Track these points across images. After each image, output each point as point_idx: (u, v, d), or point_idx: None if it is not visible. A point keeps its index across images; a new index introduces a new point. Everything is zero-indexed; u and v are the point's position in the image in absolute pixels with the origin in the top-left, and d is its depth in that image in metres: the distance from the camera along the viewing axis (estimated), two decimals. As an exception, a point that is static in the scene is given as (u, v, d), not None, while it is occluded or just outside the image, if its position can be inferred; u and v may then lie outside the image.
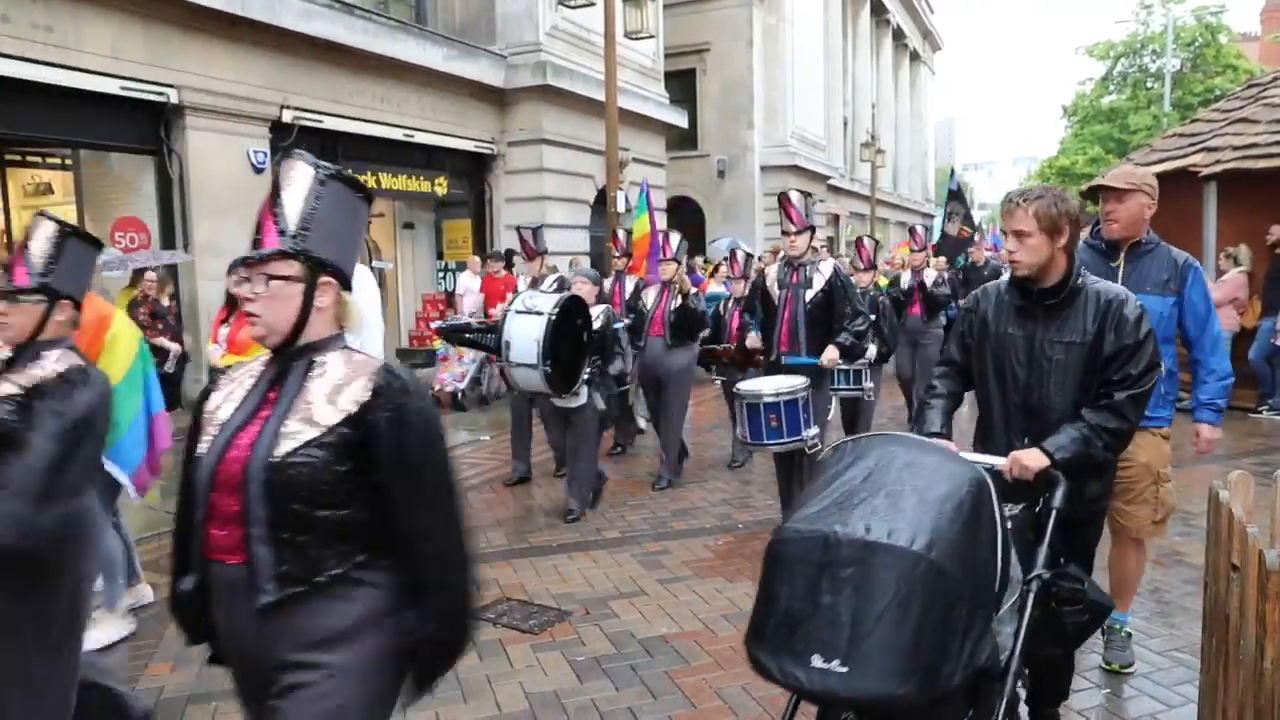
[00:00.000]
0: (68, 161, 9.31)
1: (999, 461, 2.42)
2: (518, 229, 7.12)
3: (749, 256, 7.34)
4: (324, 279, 1.61)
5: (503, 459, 6.96)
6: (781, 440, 4.55)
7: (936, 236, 12.93)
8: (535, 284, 6.42)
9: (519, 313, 4.96)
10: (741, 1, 21.99)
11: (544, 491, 6.19)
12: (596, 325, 5.31)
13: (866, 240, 7.60)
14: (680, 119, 17.45)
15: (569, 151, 13.71)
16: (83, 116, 8.30)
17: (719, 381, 7.13)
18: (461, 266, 12.30)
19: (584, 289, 5.51)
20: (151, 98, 8.64)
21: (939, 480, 1.83)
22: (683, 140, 20.04)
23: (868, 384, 6.21)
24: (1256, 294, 8.70)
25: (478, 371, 9.67)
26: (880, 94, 33.84)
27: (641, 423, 7.92)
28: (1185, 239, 9.56)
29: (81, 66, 7.98)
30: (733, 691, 3.26)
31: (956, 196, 12.89)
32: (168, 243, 9.11)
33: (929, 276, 7.85)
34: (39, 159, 9.64)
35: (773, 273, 5.17)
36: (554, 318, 4.84)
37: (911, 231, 8.84)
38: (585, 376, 5.25)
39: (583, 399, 5.32)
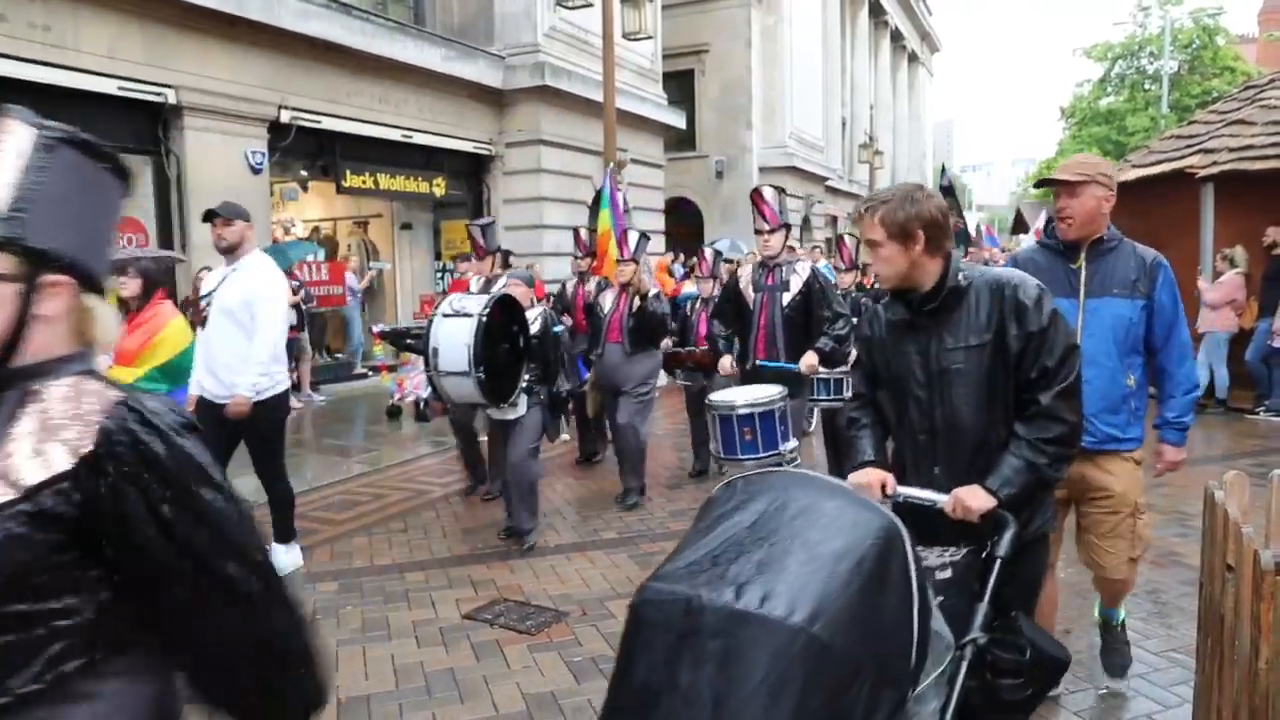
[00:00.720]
0: (65, 162, 9.30)
1: (941, 499, 2.12)
2: (467, 225, 6.68)
3: (718, 255, 6.99)
4: (50, 278, 1.16)
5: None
6: (757, 455, 4.24)
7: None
8: (488, 286, 5.95)
9: (446, 316, 4.52)
10: (740, 2, 22.00)
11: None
12: (534, 329, 4.87)
13: (848, 238, 7.38)
14: (678, 120, 17.45)
15: (567, 152, 13.71)
16: (80, 117, 8.17)
17: (683, 388, 6.77)
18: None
19: (518, 291, 5.03)
20: (149, 98, 8.63)
21: (837, 531, 1.52)
22: (681, 141, 20.03)
23: (849, 393, 5.73)
24: (1253, 295, 8.71)
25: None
26: (878, 95, 33.88)
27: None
28: (1182, 240, 9.61)
29: (79, 66, 7.97)
30: (729, 692, 3.25)
31: (948, 193, 12.90)
32: (165, 243, 9.10)
33: None
34: (36, 159, 9.63)
35: (746, 274, 4.83)
36: (484, 319, 4.40)
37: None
38: (523, 385, 4.83)
39: (521, 409, 4.88)
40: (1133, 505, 2.92)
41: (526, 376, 4.84)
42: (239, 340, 4.27)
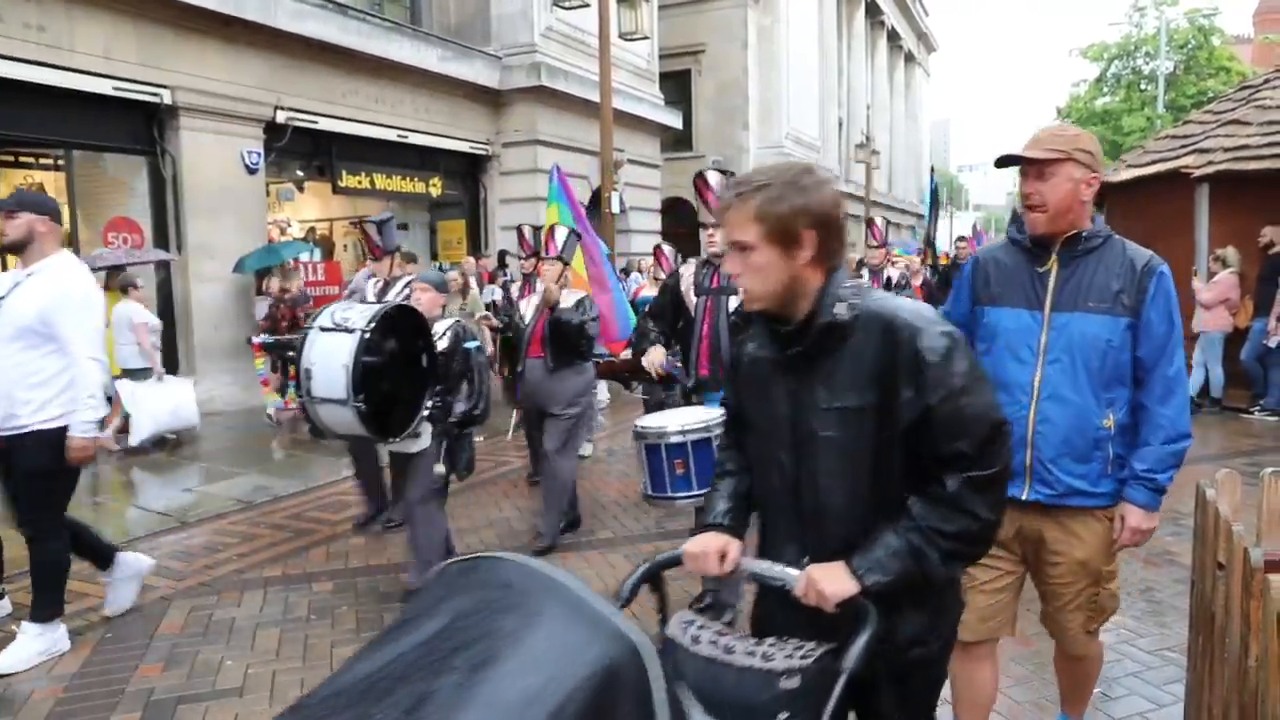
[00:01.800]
0: (60, 162, 9.30)
1: (792, 577, 1.59)
2: (361, 220, 5.86)
3: (678, 252, 6.30)
4: None
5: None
6: (691, 493, 3.47)
7: (924, 240, 12.59)
8: (385, 289, 5.35)
9: (324, 330, 3.73)
10: (736, 3, 22.03)
11: (527, 500, 6.19)
12: (442, 345, 4.07)
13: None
14: (675, 120, 17.47)
15: (563, 153, 13.71)
16: (75, 117, 8.28)
17: (643, 401, 6.12)
18: (454, 267, 12.28)
19: (425, 298, 4.27)
20: (144, 98, 8.63)
21: (541, 660, 1.05)
22: (678, 141, 20.05)
23: None
24: (1248, 294, 8.73)
25: None
26: (875, 95, 33.91)
27: (587, 448, 6.90)
28: (1177, 240, 9.64)
29: (74, 67, 7.97)
30: (724, 691, 3.24)
31: (934, 198, 12.63)
32: (161, 243, 9.10)
33: (893, 274, 6.93)
34: (31, 159, 9.63)
35: (689, 274, 4.04)
36: (368, 335, 3.62)
37: (869, 225, 7.55)
38: (426, 413, 3.98)
39: (425, 441, 4.06)
40: (1097, 574, 2.33)
41: (430, 402, 3.97)
42: (31, 360, 3.48)
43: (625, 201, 13.46)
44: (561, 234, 5.15)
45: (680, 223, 20.70)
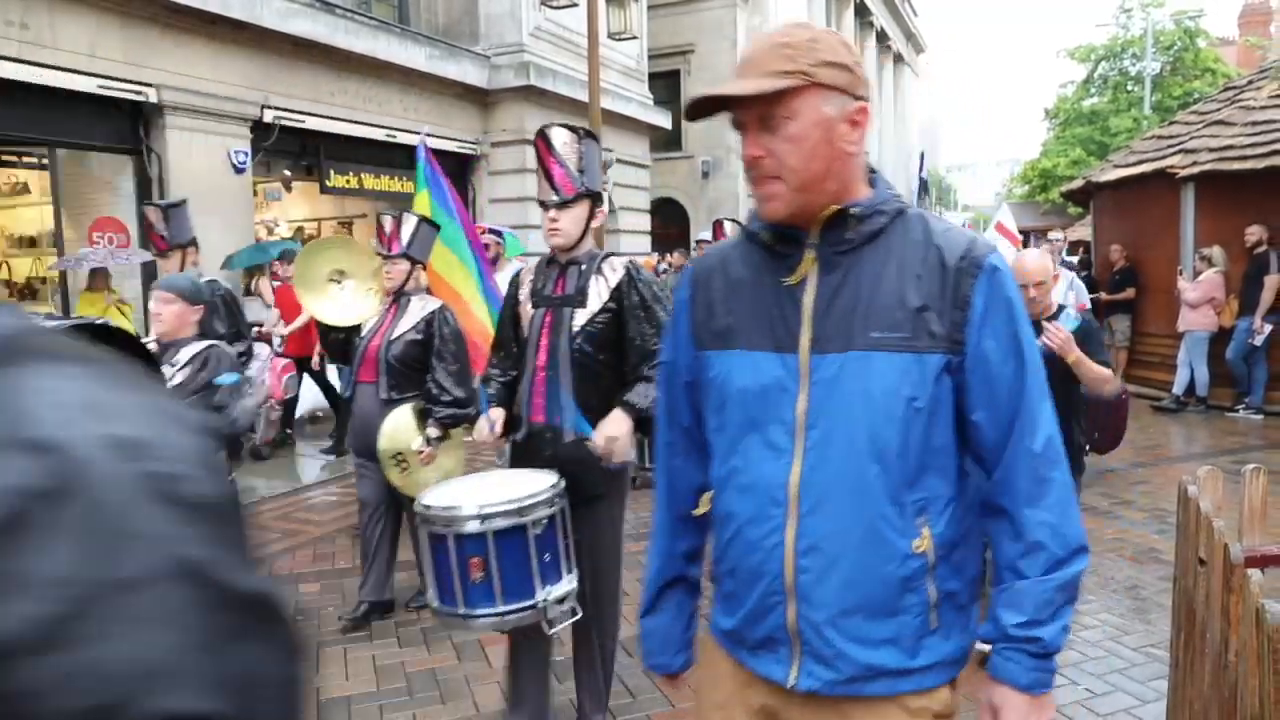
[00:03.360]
0: (45, 161, 9.23)
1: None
2: (143, 206, 4.41)
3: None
4: None
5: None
6: (493, 609, 2.38)
7: None
8: None
9: None
10: (726, 3, 22.06)
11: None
12: (178, 379, 3.08)
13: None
14: (664, 120, 17.47)
15: (553, 152, 13.70)
16: (60, 115, 8.22)
17: None
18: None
19: (167, 312, 3.23)
20: (130, 97, 8.57)
21: None
22: (667, 141, 20.05)
23: None
24: (1233, 294, 8.80)
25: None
26: (864, 96, 34.01)
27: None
28: (1164, 240, 9.71)
29: (58, 65, 7.90)
30: (711, 690, 3.24)
31: (924, 189, 12.13)
32: (147, 244, 9.03)
33: None
34: (15, 158, 9.56)
35: (530, 278, 2.92)
36: None
37: None
38: None
39: None
40: None
41: None
42: None
43: (614, 202, 13.46)
44: (410, 225, 3.99)
45: (669, 223, 20.72)
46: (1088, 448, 4.60)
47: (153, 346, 2.98)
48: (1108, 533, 5.03)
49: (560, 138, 2.75)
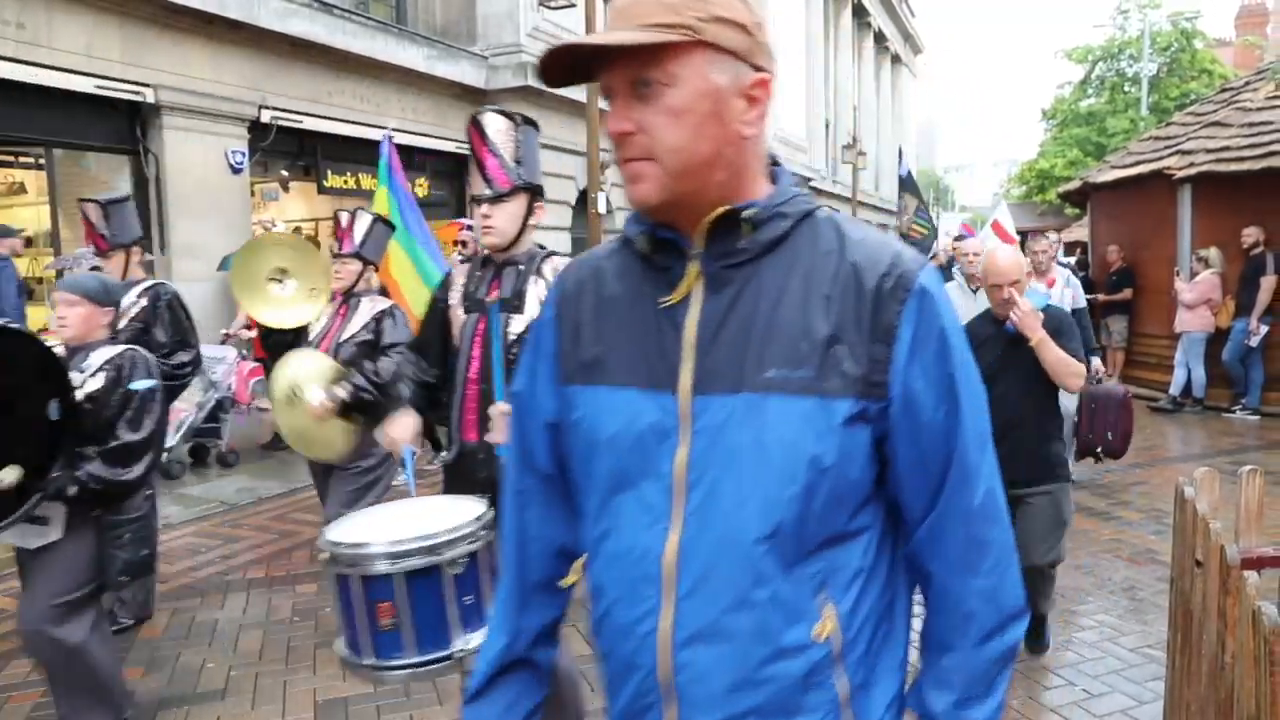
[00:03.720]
0: (41, 161, 9.22)
1: None
2: (80, 201, 4.34)
3: None
4: None
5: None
6: (401, 659, 2.07)
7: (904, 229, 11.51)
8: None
9: None
10: (723, 4, 22.07)
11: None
12: (90, 386, 2.78)
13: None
14: (662, 121, 17.50)
15: (550, 153, 13.69)
16: (57, 115, 8.21)
17: None
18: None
19: (73, 315, 2.89)
20: (127, 97, 8.56)
21: None
22: (665, 142, 20.08)
23: None
24: (1230, 295, 8.82)
25: (204, 417, 6.93)
26: (862, 97, 34.04)
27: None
28: (1161, 241, 9.73)
29: (55, 65, 7.89)
30: (708, 691, 3.23)
31: (906, 186, 11.63)
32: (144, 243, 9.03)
33: None
34: (11, 158, 9.55)
35: (461, 280, 2.68)
36: None
37: None
38: (55, 489, 2.61)
39: (54, 532, 2.73)
40: None
41: (56, 475, 2.60)
42: None
43: (612, 202, 13.46)
44: (364, 223, 3.82)
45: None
46: (1100, 453, 4.26)
47: (60, 351, 2.84)
48: (1105, 533, 5.03)
49: (495, 125, 2.52)
